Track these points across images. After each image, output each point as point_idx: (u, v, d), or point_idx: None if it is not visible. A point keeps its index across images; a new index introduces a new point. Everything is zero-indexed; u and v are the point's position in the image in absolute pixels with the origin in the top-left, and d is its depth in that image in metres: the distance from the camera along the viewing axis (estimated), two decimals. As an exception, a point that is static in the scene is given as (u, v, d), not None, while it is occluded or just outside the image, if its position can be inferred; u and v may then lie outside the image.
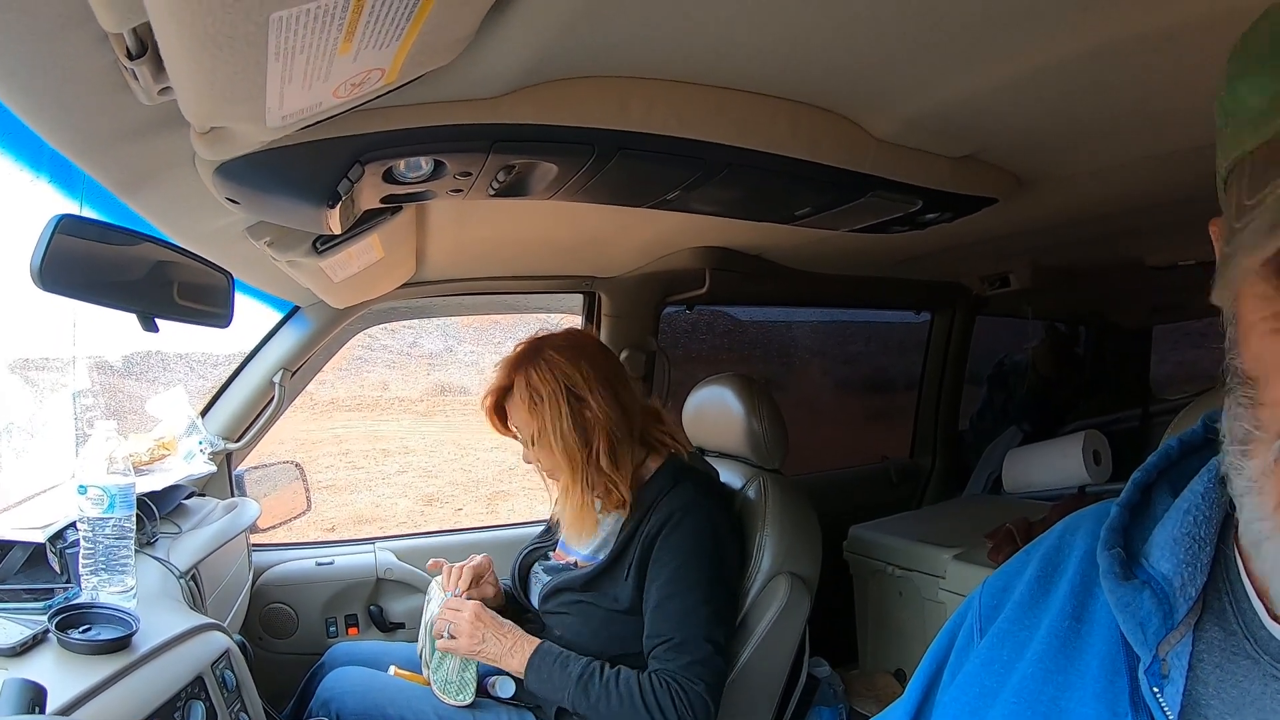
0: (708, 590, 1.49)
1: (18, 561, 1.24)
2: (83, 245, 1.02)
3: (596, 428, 1.53)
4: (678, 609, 1.47)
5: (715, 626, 1.49)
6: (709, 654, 1.46)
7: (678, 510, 1.51)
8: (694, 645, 1.45)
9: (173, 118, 0.72)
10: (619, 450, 1.54)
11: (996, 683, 0.58)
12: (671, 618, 1.48)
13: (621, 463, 1.55)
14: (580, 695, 1.46)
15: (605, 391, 1.53)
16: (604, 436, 1.53)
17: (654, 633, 1.49)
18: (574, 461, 1.53)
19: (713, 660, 1.46)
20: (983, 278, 2.78)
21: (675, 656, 1.45)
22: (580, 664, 1.48)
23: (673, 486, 1.55)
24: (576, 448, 1.53)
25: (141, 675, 1.02)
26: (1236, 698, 0.46)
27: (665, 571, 1.49)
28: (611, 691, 1.45)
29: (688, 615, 1.47)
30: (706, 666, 1.45)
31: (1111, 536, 0.55)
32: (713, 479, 1.66)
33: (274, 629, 2.05)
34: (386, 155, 0.90)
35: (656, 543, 1.51)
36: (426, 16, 0.57)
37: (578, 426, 1.52)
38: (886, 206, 1.36)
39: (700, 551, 1.50)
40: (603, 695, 1.45)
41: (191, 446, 1.81)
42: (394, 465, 6.40)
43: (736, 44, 0.86)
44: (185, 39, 0.50)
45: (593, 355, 1.58)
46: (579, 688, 1.46)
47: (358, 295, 1.82)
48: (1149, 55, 0.87)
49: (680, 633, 1.46)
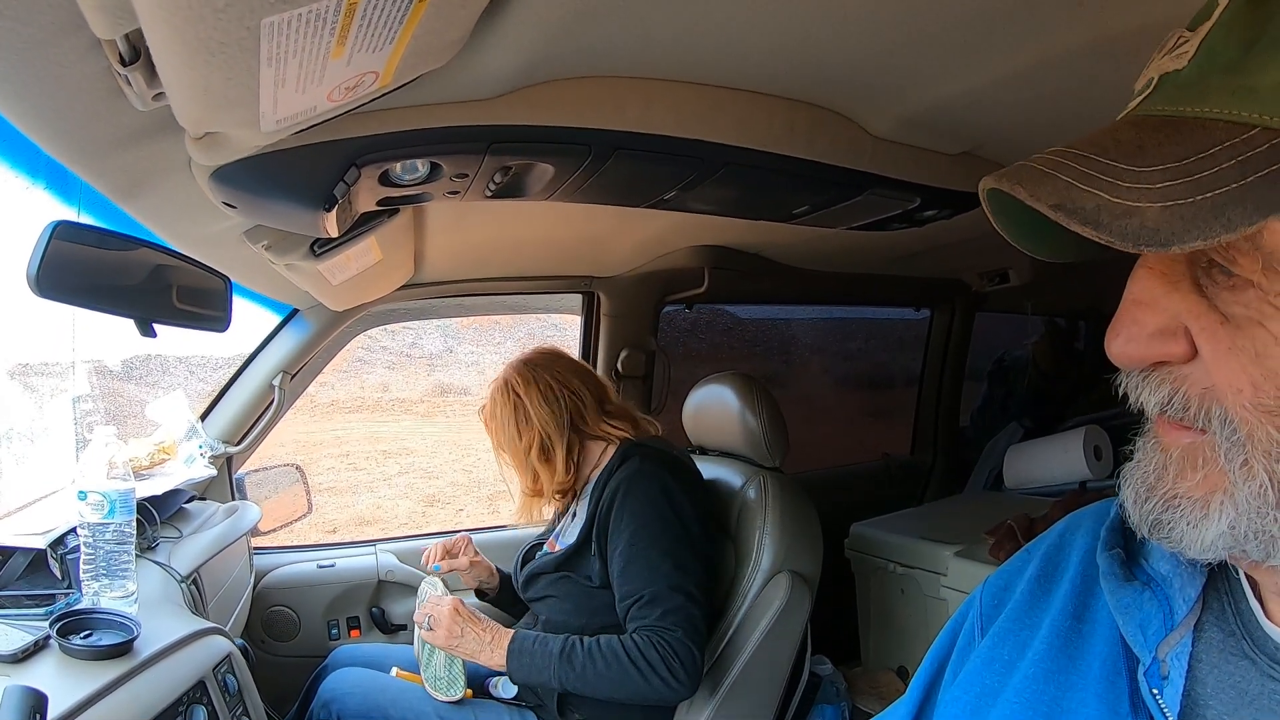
0: (668, 545, 1.54)
1: (19, 567, 1.24)
2: (79, 251, 1.02)
3: (531, 429, 1.70)
4: (641, 567, 1.52)
5: (683, 577, 1.52)
6: (681, 602, 1.49)
7: (625, 480, 1.60)
8: (664, 597, 1.49)
9: (167, 123, 0.72)
10: (551, 449, 1.70)
11: (998, 682, 0.58)
12: (637, 577, 1.52)
13: (554, 461, 1.71)
14: (565, 668, 1.49)
15: (542, 396, 1.71)
16: (536, 437, 1.70)
17: (624, 595, 1.53)
18: (516, 459, 1.74)
19: (686, 608, 1.49)
20: (982, 274, 2.78)
21: (649, 611, 1.49)
22: (559, 640, 1.52)
23: (621, 463, 1.64)
24: (518, 447, 1.72)
25: (143, 680, 1.02)
26: (1234, 698, 0.46)
27: (623, 537, 1.55)
28: (596, 657, 1.48)
29: (653, 571, 1.51)
30: (681, 614, 1.48)
31: (1112, 537, 0.55)
32: (661, 450, 1.70)
33: (276, 632, 2.05)
34: (382, 158, 0.90)
35: (611, 514, 1.58)
36: (419, 19, 0.57)
37: (519, 429, 1.71)
38: (884, 204, 1.36)
39: (653, 513, 1.56)
40: (587, 662, 1.48)
41: (192, 450, 1.81)
42: (395, 467, 6.40)
43: (732, 43, 0.86)
44: (177, 45, 0.50)
45: (537, 365, 1.75)
46: (563, 662, 1.49)
47: (356, 298, 1.82)
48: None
49: (649, 588, 1.50)
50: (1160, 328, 0.42)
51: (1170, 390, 0.43)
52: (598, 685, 1.48)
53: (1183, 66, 0.41)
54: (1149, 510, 0.44)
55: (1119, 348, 0.44)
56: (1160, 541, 0.44)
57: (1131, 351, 0.43)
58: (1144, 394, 0.44)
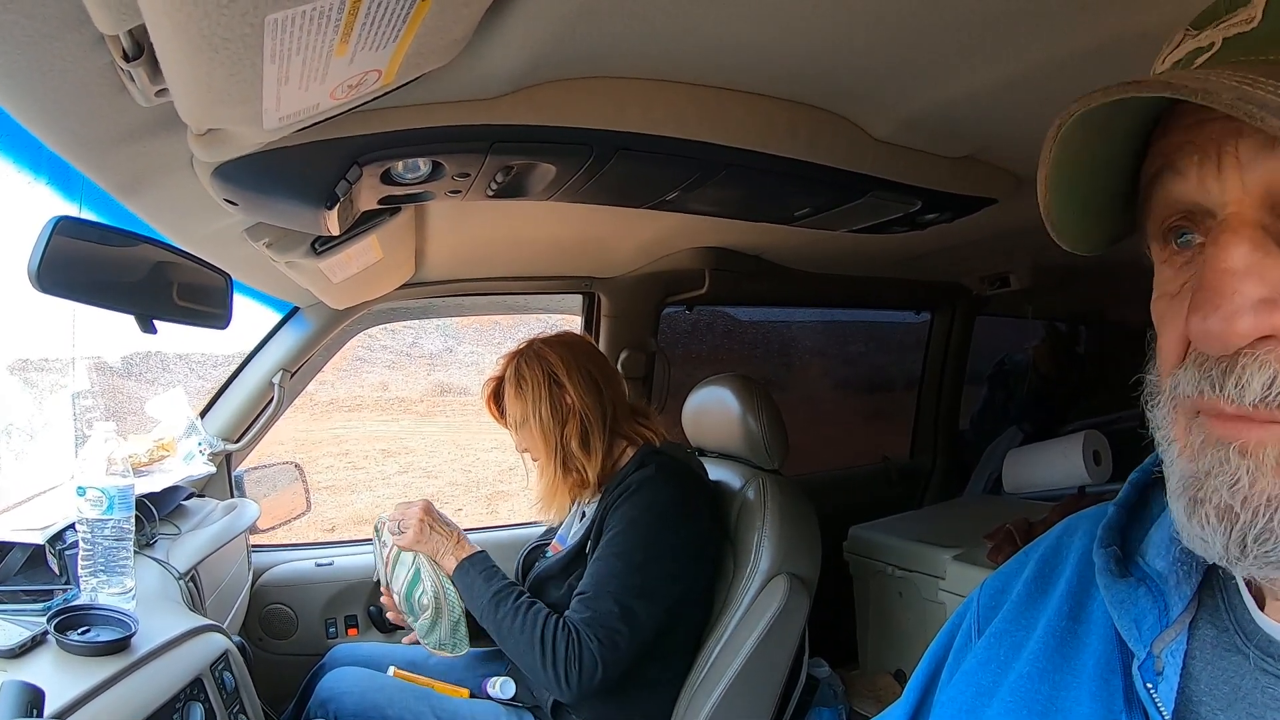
0: (638, 558, 1.51)
1: (17, 563, 1.24)
2: (81, 247, 1.02)
3: (571, 414, 1.63)
4: (603, 569, 1.51)
5: (633, 598, 1.48)
6: (615, 620, 1.46)
7: (633, 483, 1.57)
8: (603, 606, 1.47)
9: (170, 120, 0.72)
10: (590, 436, 1.64)
11: (993, 682, 0.58)
12: (594, 575, 1.51)
13: (592, 448, 1.64)
14: (490, 610, 1.51)
15: (584, 382, 1.64)
16: (577, 422, 1.63)
17: (580, 585, 1.52)
18: (549, 442, 1.64)
19: (617, 627, 1.46)
20: (983, 277, 2.78)
21: (581, 609, 1.48)
22: (502, 583, 1.53)
23: (637, 468, 1.60)
24: (552, 429, 1.63)
25: (140, 677, 1.02)
26: (1228, 694, 0.46)
27: (606, 536, 1.54)
28: (518, 617, 1.48)
29: (609, 576, 1.49)
30: (604, 627, 1.46)
31: (1108, 535, 0.55)
32: (681, 462, 1.67)
33: (274, 630, 2.05)
34: (384, 156, 0.90)
35: (610, 515, 1.56)
36: (423, 18, 0.57)
37: (555, 411, 1.63)
38: (886, 207, 1.36)
39: (644, 523, 1.53)
40: (508, 616, 1.49)
41: (191, 447, 1.81)
42: (394, 466, 6.40)
43: (735, 45, 0.86)
44: (181, 41, 0.50)
45: (578, 351, 1.69)
46: (491, 602, 1.51)
47: (357, 296, 1.82)
48: (1148, 53, 0.86)
49: (594, 589, 1.49)
50: (1264, 297, 0.39)
51: (1276, 370, 0.39)
52: (506, 642, 1.51)
53: (1251, 28, 0.41)
54: (1245, 526, 0.40)
55: (1220, 324, 0.39)
56: (1264, 563, 0.40)
57: (1240, 327, 0.39)
58: (1244, 378, 0.40)
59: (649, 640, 1.52)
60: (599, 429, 1.64)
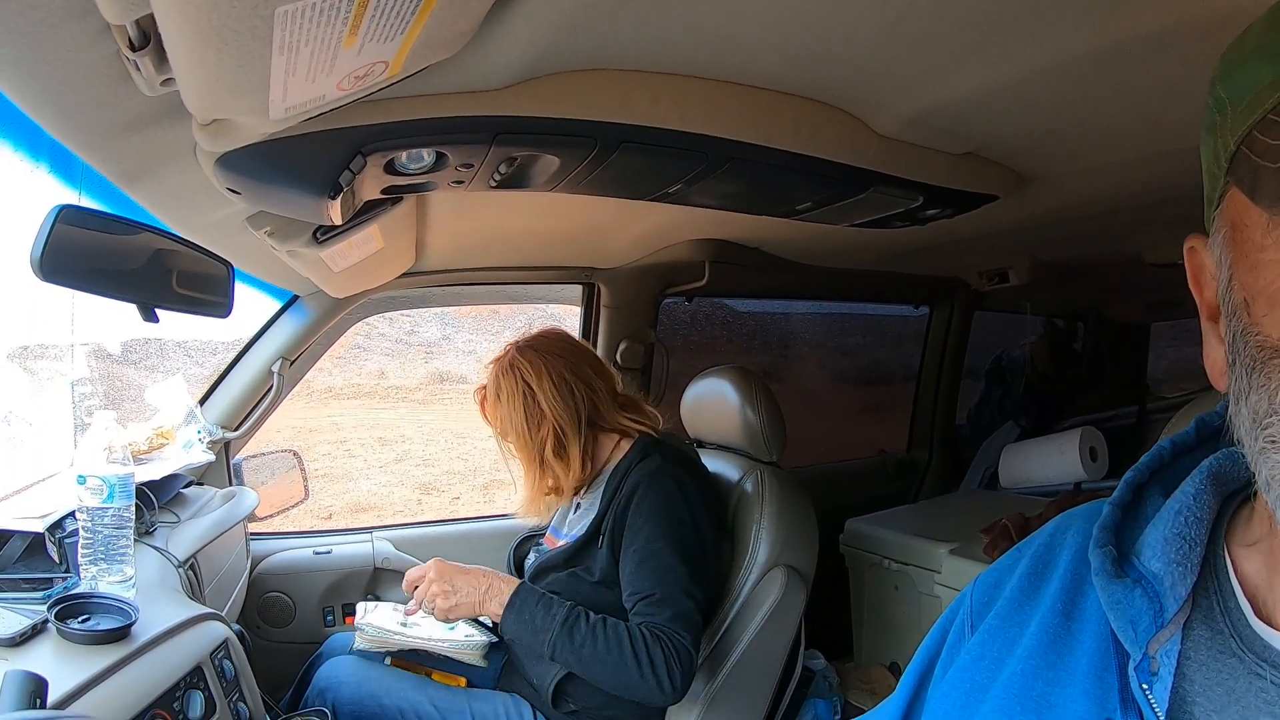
0: (684, 550, 1.51)
1: (16, 551, 1.24)
2: (83, 235, 1.02)
3: (545, 423, 1.64)
4: (656, 566, 1.50)
5: (694, 584, 1.50)
6: (691, 609, 1.48)
7: (645, 477, 1.56)
8: (677, 600, 1.47)
9: (174, 109, 0.72)
10: (565, 444, 1.64)
11: (987, 678, 0.58)
12: (651, 575, 1.49)
13: (567, 456, 1.64)
14: (564, 638, 1.44)
15: (557, 388, 1.64)
16: (551, 430, 1.63)
17: (634, 590, 1.50)
18: (528, 452, 1.66)
19: (695, 615, 1.48)
20: (982, 273, 2.78)
21: (659, 610, 1.46)
22: (565, 607, 1.48)
23: (641, 460, 1.60)
24: (529, 439, 1.65)
25: (140, 665, 1.02)
26: (1222, 695, 0.46)
27: (640, 535, 1.52)
28: (599, 636, 1.44)
29: (668, 572, 1.49)
30: (690, 620, 1.47)
31: (1103, 535, 0.55)
32: (682, 451, 1.68)
33: (271, 618, 2.06)
34: (388, 147, 0.90)
35: (629, 511, 1.55)
36: (431, 10, 0.57)
37: (530, 419, 1.64)
38: (888, 202, 1.36)
39: (672, 514, 1.54)
40: (589, 638, 1.43)
41: (190, 435, 1.81)
42: (391, 454, 6.41)
43: (740, 38, 0.85)
44: (190, 32, 0.50)
45: (550, 354, 1.67)
46: (564, 630, 1.45)
47: (357, 285, 1.82)
48: (1152, 55, 0.87)
49: (661, 588, 1.48)
50: None
51: None
52: (590, 666, 1.44)
53: None
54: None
55: None
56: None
57: None
58: None
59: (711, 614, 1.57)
60: (574, 435, 1.64)
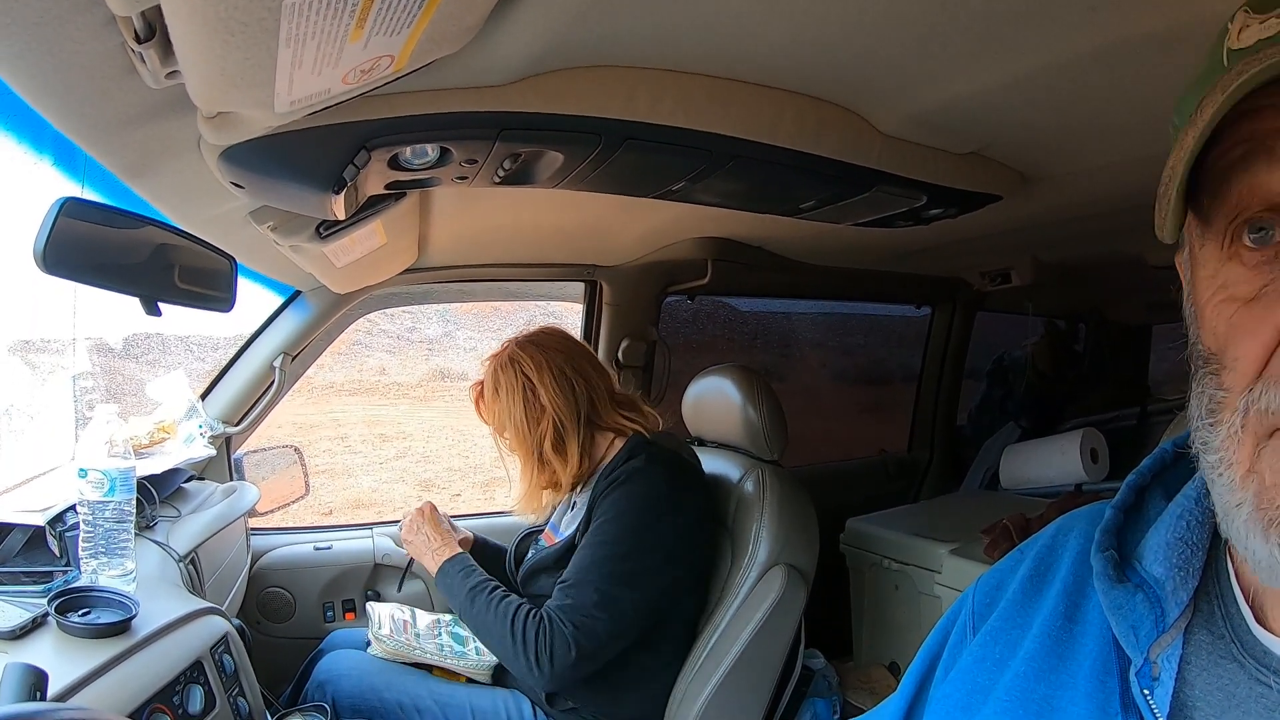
0: (624, 547, 1.51)
1: (17, 544, 1.24)
2: (86, 228, 1.01)
3: (544, 417, 1.63)
4: (587, 557, 1.51)
5: (616, 583, 1.48)
6: (592, 603, 1.46)
7: (623, 474, 1.56)
8: (582, 591, 1.48)
9: (179, 102, 0.72)
10: (564, 438, 1.64)
11: (989, 680, 0.58)
12: (578, 563, 1.52)
13: (566, 450, 1.64)
14: (467, 605, 1.53)
15: (557, 383, 1.64)
16: (550, 424, 1.63)
17: (563, 575, 1.53)
18: (526, 447, 1.66)
19: (594, 614, 1.46)
20: (984, 273, 2.78)
21: (561, 596, 1.49)
22: (478, 579, 1.55)
23: (627, 459, 1.60)
24: (527, 434, 1.64)
25: (140, 659, 1.02)
26: (1222, 700, 0.47)
27: (594, 525, 1.54)
28: (492, 608, 1.50)
29: (592, 564, 1.50)
30: (581, 613, 1.46)
31: (1105, 538, 0.55)
32: (674, 451, 1.66)
33: (271, 613, 2.06)
34: (393, 142, 0.90)
35: (600, 505, 1.56)
36: (438, 4, 0.57)
37: (529, 414, 1.64)
38: (891, 201, 1.36)
39: (632, 512, 1.53)
40: (484, 610, 1.50)
41: (191, 430, 1.81)
42: (391, 450, 6.39)
43: (745, 37, 0.85)
44: (197, 24, 0.50)
45: (551, 350, 1.67)
46: (467, 598, 1.53)
47: (360, 280, 1.82)
48: (1155, 55, 0.87)
49: (575, 576, 1.50)
50: None
51: None
52: (481, 633, 1.54)
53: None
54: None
55: None
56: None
57: None
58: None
59: (635, 628, 1.52)
60: (573, 430, 1.64)
